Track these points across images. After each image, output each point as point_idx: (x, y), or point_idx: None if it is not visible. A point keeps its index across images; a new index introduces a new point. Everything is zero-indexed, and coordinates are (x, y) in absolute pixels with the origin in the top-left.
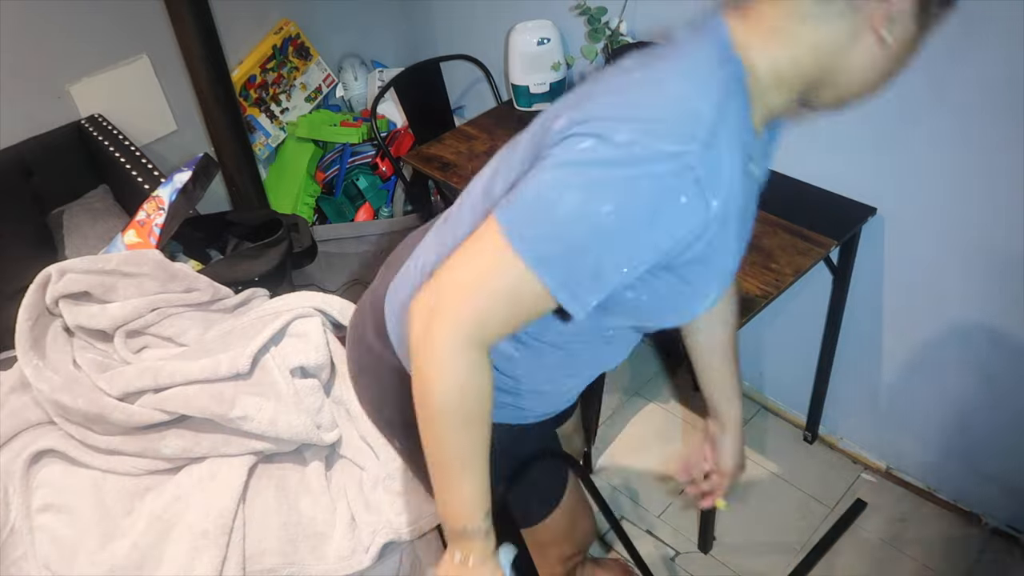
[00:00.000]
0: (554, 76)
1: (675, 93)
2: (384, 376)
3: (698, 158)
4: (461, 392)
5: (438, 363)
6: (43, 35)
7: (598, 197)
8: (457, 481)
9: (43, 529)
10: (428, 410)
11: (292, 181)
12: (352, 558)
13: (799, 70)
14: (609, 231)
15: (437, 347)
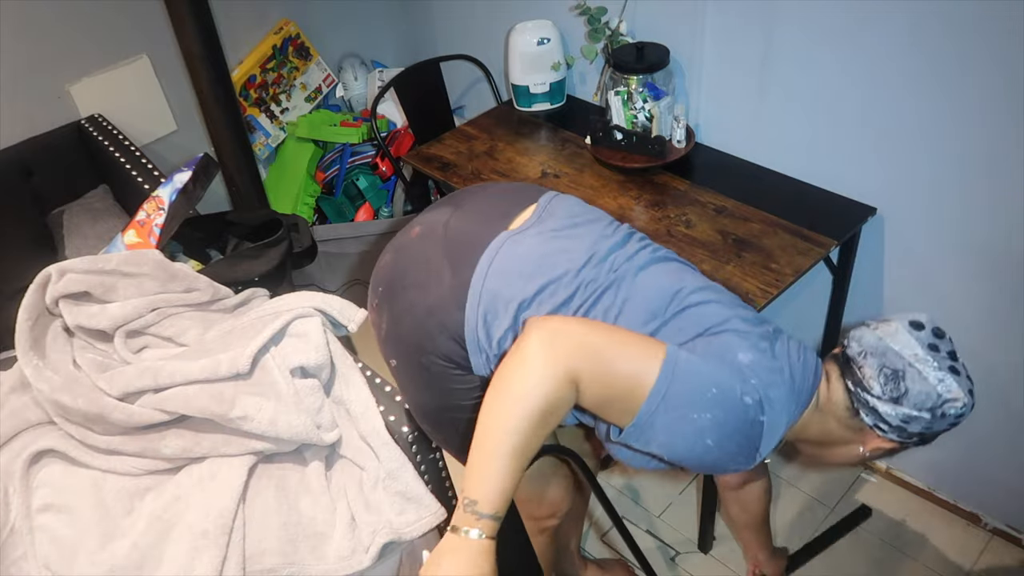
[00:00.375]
0: (554, 76)
1: (798, 393)
2: (431, 300)
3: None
4: (546, 401)
5: (542, 371)
6: (43, 35)
7: (711, 435)
8: (498, 461)
9: (43, 529)
10: (512, 395)
11: (292, 181)
12: (352, 558)
13: (807, 434)
14: (702, 455)
15: (550, 362)
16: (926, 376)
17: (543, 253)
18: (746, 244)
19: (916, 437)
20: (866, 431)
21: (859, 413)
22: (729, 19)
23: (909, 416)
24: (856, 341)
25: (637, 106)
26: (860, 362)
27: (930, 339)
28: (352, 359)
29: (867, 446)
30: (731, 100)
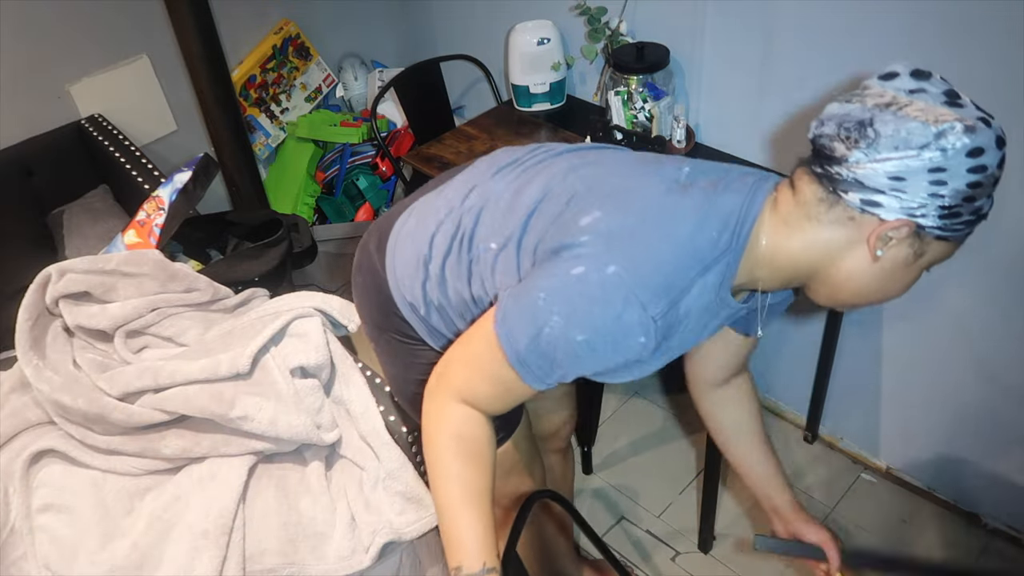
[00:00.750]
0: (554, 76)
1: (674, 252)
2: (370, 279)
3: (663, 316)
4: (452, 431)
5: (436, 415)
6: (43, 35)
7: (576, 326)
8: (457, 517)
9: (43, 529)
10: (431, 453)
11: (292, 181)
12: (352, 558)
13: (793, 260)
14: (578, 354)
15: (438, 403)
16: (904, 115)
17: (432, 204)
18: None
19: (930, 202)
20: (858, 219)
21: (838, 196)
22: (729, 19)
23: (898, 166)
24: (816, 120)
25: (637, 106)
26: (818, 135)
27: (910, 84)
28: (352, 359)
29: (871, 239)
30: (731, 100)
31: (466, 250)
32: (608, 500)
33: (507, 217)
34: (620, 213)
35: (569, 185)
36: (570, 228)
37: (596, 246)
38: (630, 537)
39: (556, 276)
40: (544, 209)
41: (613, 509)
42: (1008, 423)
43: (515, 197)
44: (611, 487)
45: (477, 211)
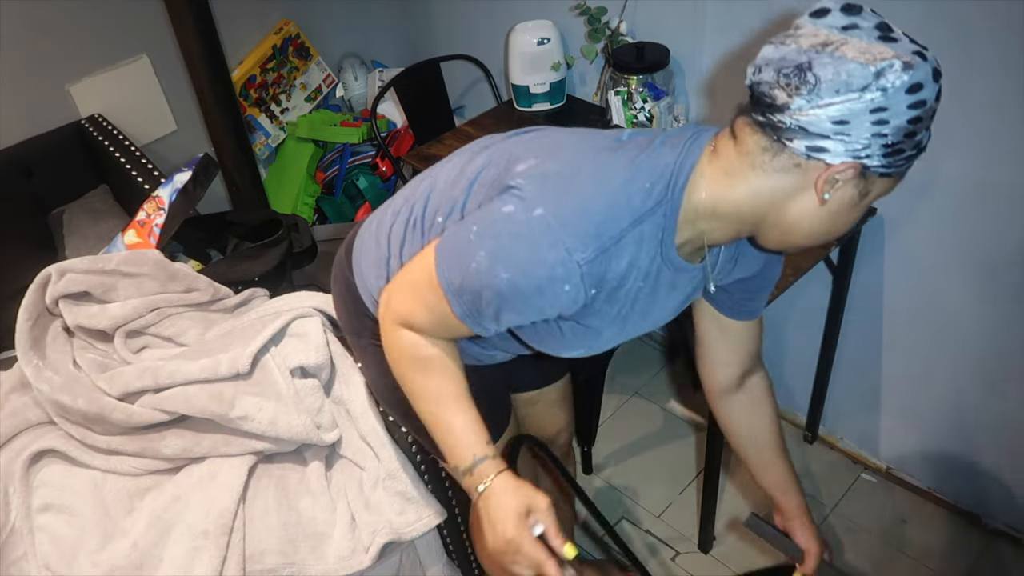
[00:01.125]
0: (554, 76)
1: (604, 200)
2: (342, 286)
3: (588, 263)
4: (407, 354)
5: (388, 341)
6: (43, 35)
7: (500, 263)
8: (438, 424)
9: (43, 529)
10: (397, 378)
11: (292, 181)
12: (352, 558)
13: (737, 209)
14: (503, 292)
15: (385, 329)
16: (841, 56)
17: (391, 204)
18: None
19: (873, 143)
20: (804, 165)
21: (783, 145)
22: (729, 19)
23: (841, 110)
24: (749, 65)
25: (637, 106)
26: (756, 82)
27: (842, 20)
28: (352, 359)
29: (819, 184)
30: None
31: (419, 233)
32: (608, 500)
33: (452, 189)
34: (555, 161)
35: (508, 149)
36: (508, 174)
37: (528, 189)
38: (630, 537)
39: (488, 213)
40: (486, 174)
41: (613, 509)
42: (1008, 423)
43: (460, 173)
44: (611, 487)
45: (426, 194)
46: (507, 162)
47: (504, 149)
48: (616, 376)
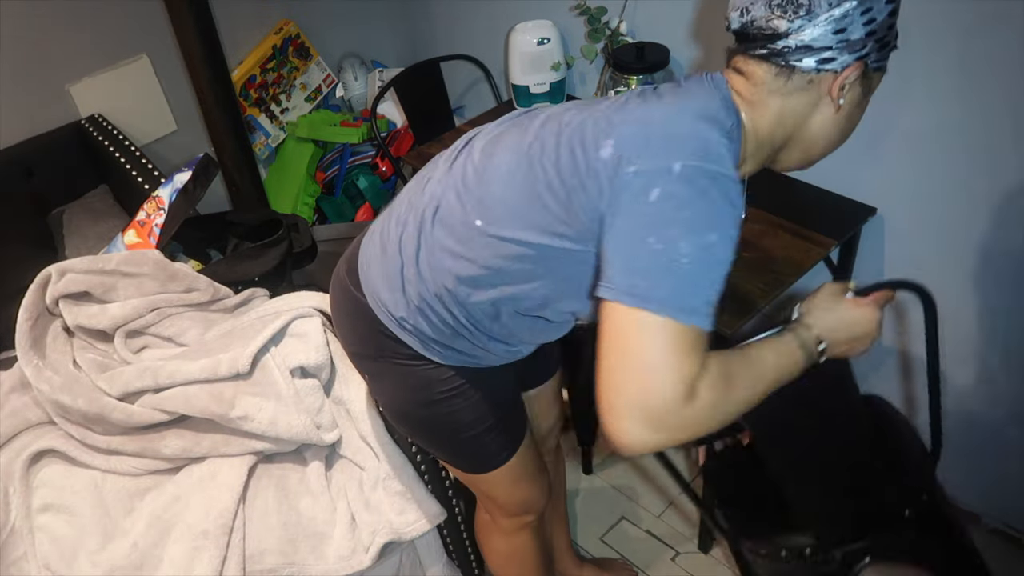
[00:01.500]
0: (554, 76)
1: (697, 128)
2: (351, 308)
3: (735, 173)
4: (721, 395)
5: (695, 414)
6: (43, 35)
7: (701, 231)
8: (770, 377)
9: (43, 529)
10: (735, 410)
11: (292, 181)
12: (352, 558)
13: (770, 135)
14: (719, 253)
15: (632, 441)
16: None
17: (393, 213)
18: (746, 244)
19: (868, 40)
20: (816, 79)
21: (792, 67)
22: None
23: (839, 20)
24: (731, 11)
25: None
26: (748, 21)
27: None
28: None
29: (833, 93)
30: None
31: (442, 234)
32: (608, 500)
33: (477, 187)
34: (632, 126)
35: (550, 144)
36: (598, 170)
37: (643, 163)
38: (630, 537)
39: (642, 215)
40: (551, 174)
41: (613, 509)
42: (1007, 422)
43: (479, 174)
44: (611, 487)
45: (438, 199)
46: (581, 154)
47: (544, 144)
48: None
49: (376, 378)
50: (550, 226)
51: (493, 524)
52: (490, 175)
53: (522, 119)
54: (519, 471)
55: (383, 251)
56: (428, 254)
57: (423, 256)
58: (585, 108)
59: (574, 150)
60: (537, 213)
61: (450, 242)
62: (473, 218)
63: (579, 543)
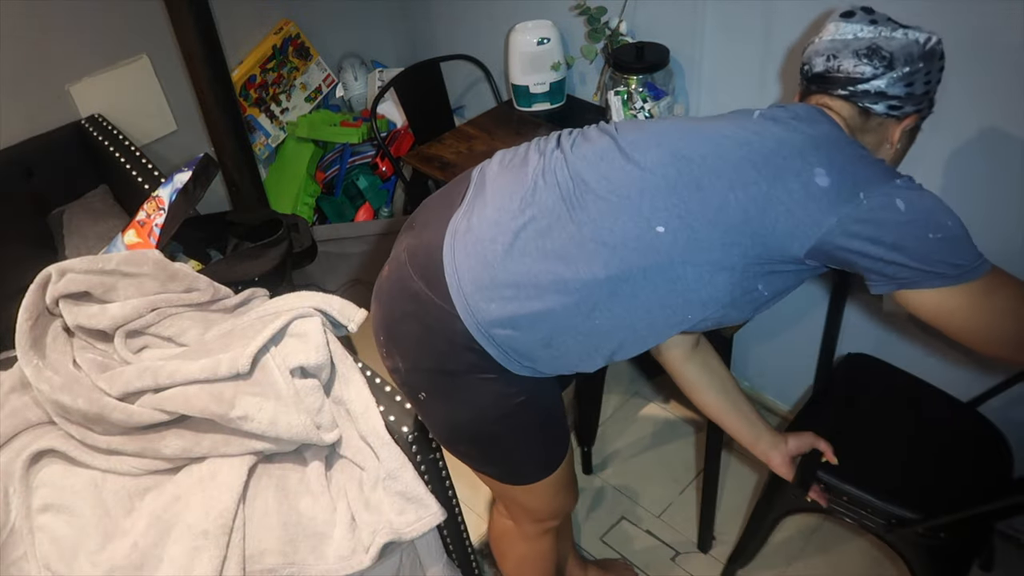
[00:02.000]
0: (554, 76)
1: (866, 154)
2: (429, 321)
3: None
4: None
5: None
6: (43, 35)
7: (939, 206)
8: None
9: (43, 529)
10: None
11: (292, 181)
12: (352, 558)
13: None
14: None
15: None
16: (893, 37)
17: (494, 214)
18: None
19: (923, 97)
20: (884, 123)
21: (869, 110)
22: (729, 19)
23: (909, 75)
24: (815, 57)
25: (637, 106)
26: (835, 67)
27: (866, 18)
28: (352, 359)
29: (893, 138)
30: (732, 100)
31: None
32: (608, 500)
33: (668, 195)
34: (827, 154)
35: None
36: (823, 196)
37: (870, 189)
38: (630, 537)
39: (906, 223)
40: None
41: (613, 509)
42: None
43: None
44: (611, 487)
45: (572, 200)
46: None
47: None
48: (616, 376)
49: (441, 396)
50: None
51: (517, 530)
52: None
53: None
54: (563, 480)
55: (484, 265)
56: (579, 249)
57: (571, 252)
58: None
59: (780, 177)
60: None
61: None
62: (658, 227)
63: (579, 543)
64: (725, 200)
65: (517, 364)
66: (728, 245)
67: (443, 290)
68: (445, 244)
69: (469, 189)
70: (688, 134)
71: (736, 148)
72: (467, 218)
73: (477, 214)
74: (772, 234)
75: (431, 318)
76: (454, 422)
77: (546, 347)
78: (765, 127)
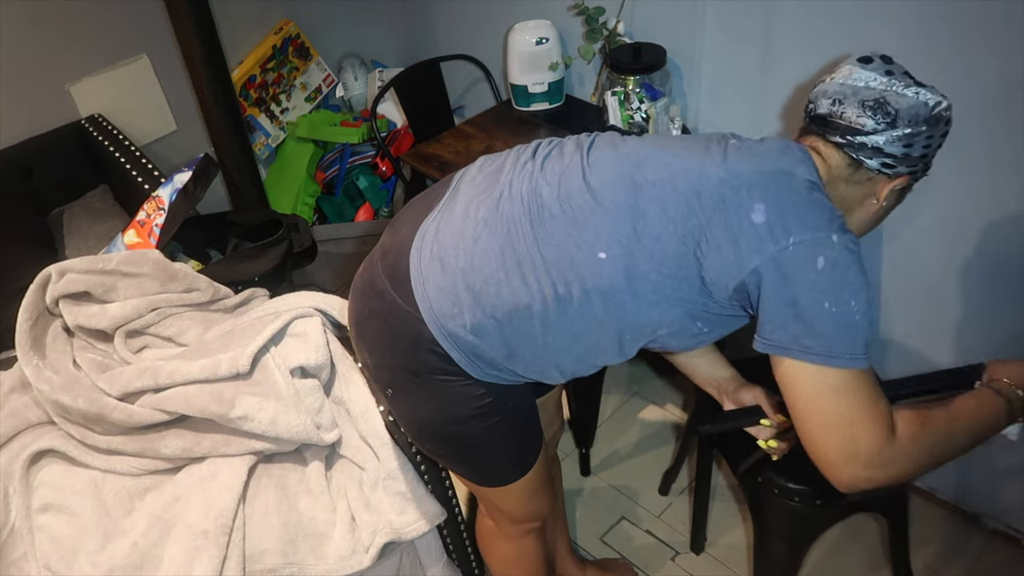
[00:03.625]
0: (552, 76)
1: (821, 201)
2: (393, 321)
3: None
4: (926, 443)
5: (864, 485)
6: (43, 35)
7: (861, 287)
8: (972, 429)
9: (43, 529)
10: (936, 461)
11: (292, 181)
12: (352, 558)
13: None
14: (870, 298)
15: (853, 483)
16: (904, 94)
17: (460, 220)
18: None
19: (920, 160)
20: (874, 179)
21: (862, 163)
22: (728, 20)
23: (910, 136)
24: (821, 98)
25: (633, 106)
26: (838, 112)
27: (883, 67)
28: (352, 359)
29: (880, 195)
30: (730, 101)
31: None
32: (608, 500)
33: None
34: (775, 191)
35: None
36: (753, 233)
37: (803, 234)
38: (630, 537)
39: (813, 283)
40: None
41: (613, 509)
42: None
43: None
44: (611, 487)
45: (532, 216)
46: (735, 218)
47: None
48: (615, 376)
49: (406, 393)
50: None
51: (498, 530)
52: (619, 212)
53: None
54: (536, 483)
55: (450, 262)
56: (511, 283)
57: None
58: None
59: (721, 206)
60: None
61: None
62: (600, 254)
63: (579, 543)
64: (664, 231)
65: (480, 370)
66: (664, 277)
67: (407, 292)
68: (413, 246)
69: (447, 192)
70: (650, 159)
71: (686, 177)
72: (437, 221)
73: (446, 218)
74: (702, 269)
75: (395, 318)
76: (420, 420)
77: (508, 358)
78: (728, 155)
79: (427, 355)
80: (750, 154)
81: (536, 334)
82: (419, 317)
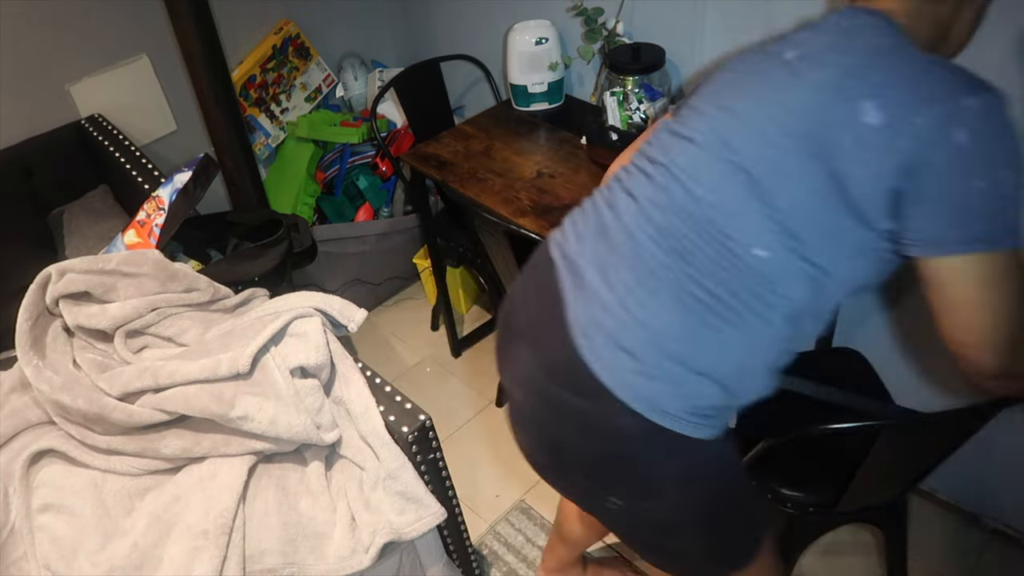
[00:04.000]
0: (552, 76)
1: (925, 65)
2: (608, 429)
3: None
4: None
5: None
6: (43, 35)
7: (1011, 154)
8: None
9: (43, 529)
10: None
11: (292, 181)
12: (352, 558)
13: (928, 40)
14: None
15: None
16: None
17: (610, 295)
18: None
19: None
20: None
21: None
22: (728, 20)
23: None
24: None
25: (632, 107)
26: None
27: None
28: (352, 359)
29: (964, 13)
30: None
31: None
32: None
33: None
34: (879, 74)
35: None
36: (882, 137)
37: (927, 109)
38: None
39: (954, 161)
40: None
41: None
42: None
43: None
44: None
45: (672, 246)
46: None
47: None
48: None
49: (635, 497)
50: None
51: None
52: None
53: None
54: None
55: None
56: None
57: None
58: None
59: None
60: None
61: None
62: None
63: None
64: (795, 198)
65: (705, 427)
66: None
67: (582, 385)
68: (583, 348)
69: (561, 276)
70: (738, 131)
71: (782, 137)
72: (588, 310)
73: (597, 304)
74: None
75: (582, 419)
76: (658, 518)
77: (730, 391)
78: (798, 80)
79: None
80: (824, 51)
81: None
82: (631, 409)
